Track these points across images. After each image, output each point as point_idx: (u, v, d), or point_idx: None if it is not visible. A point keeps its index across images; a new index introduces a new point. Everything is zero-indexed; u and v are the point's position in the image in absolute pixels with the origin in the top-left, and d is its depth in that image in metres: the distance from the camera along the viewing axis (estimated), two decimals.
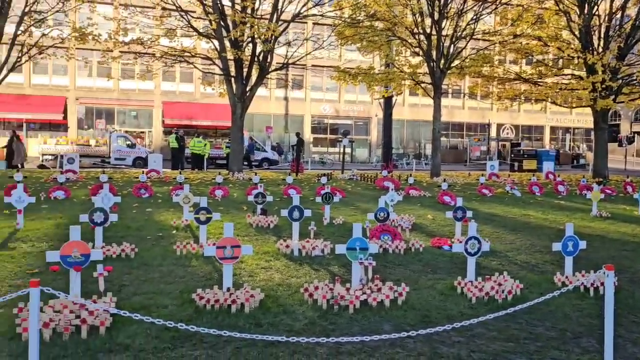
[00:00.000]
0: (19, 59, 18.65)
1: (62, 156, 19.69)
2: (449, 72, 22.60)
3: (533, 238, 9.54)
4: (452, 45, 21.88)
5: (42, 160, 32.08)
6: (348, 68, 24.10)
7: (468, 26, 21.81)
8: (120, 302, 5.17)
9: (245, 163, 29.01)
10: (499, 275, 6.21)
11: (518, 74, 26.18)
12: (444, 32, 21.61)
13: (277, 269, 6.72)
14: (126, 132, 37.72)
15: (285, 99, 45.59)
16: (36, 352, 3.42)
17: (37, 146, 35.55)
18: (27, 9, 18.40)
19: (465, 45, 22.78)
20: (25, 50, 18.67)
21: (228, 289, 5.31)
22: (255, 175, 15.13)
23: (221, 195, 13.77)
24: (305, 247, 7.58)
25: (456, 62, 22.89)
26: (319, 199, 10.53)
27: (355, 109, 47.96)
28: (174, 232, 9.04)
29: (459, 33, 21.76)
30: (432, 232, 9.97)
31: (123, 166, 28.70)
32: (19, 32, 18.45)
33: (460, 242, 7.17)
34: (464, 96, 47.11)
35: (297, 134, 25.87)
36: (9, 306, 4.73)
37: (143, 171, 15.65)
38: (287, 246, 7.60)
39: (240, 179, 19.18)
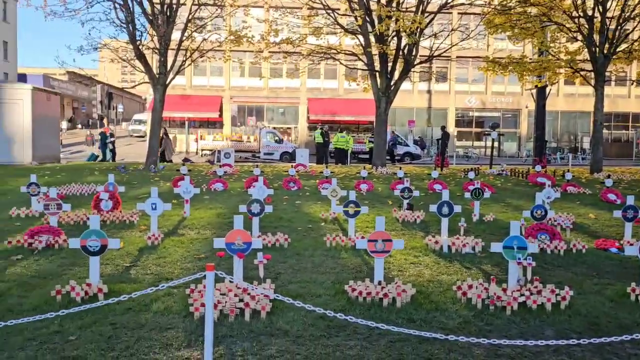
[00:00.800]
0: (183, 63, 20.43)
1: (219, 151, 21.23)
2: (613, 57, 20.52)
3: None
4: (619, 28, 19.81)
5: (201, 155, 34.99)
6: (498, 58, 22.94)
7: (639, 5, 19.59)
8: (277, 288, 5.43)
9: (388, 157, 29.02)
10: None
11: None
12: (608, 14, 19.64)
13: (427, 265, 6.60)
14: (274, 128, 39.71)
15: (429, 92, 44.74)
16: (211, 330, 3.70)
17: (196, 142, 38.94)
18: (190, 17, 20.09)
19: (636, 27, 20.50)
20: (188, 54, 20.39)
21: (379, 282, 5.32)
22: (400, 169, 15.04)
23: (366, 189, 13.90)
24: (455, 243, 7.36)
25: (623, 46, 20.71)
26: (467, 195, 10.17)
27: (503, 100, 45.63)
28: (322, 224, 9.30)
29: (628, 13, 19.63)
30: (595, 232, 9.14)
31: (272, 160, 30.29)
32: (183, 38, 20.20)
33: (632, 244, 6.47)
34: (632, 84, 42.46)
35: (443, 127, 25.24)
36: (182, 287, 5.19)
37: (292, 165, 16.33)
38: (437, 242, 7.43)
39: (383, 174, 19.22)
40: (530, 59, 23.43)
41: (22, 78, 48.43)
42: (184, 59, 20.45)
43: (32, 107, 20.16)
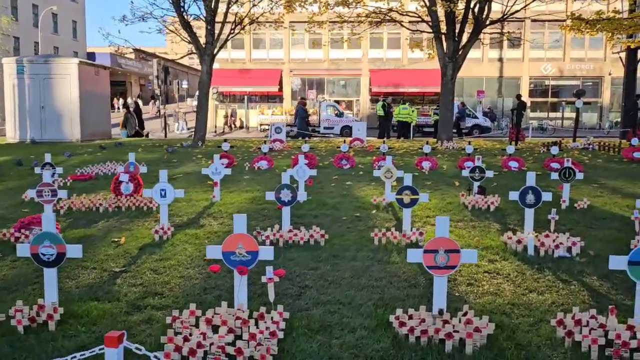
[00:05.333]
0: (232, 31, 19.09)
1: (272, 126, 19.92)
2: None
3: None
4: None
5: (260, 130, 33.98)
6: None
7: None
8: (295, 314, 3.92)
9: (455, 130, 26.76)
10: None
11: None
12: None
13: (507, 276, 4.88)
14: (335, 101, 38.04)
15: (500, 59, 41.47)
16: None
17: (255, 117, 38.01)
18: None
19: None
20: (237, 21, 19.02)
21: (440, 312, 3.70)
22: (469, 144, 13.11)
23: (429, 167, 12.10)
24: (545, 243, 5.56)
25: None
26: (553, 176, 8.23)
27: (583, 67, 41.64)
28: (374, 211, 7.70)
29: None
30: None
31: (332, 135, 28.72)
32: (230, 5, 18.83)
33: None
34: None
35: (518, 96, 22.66)
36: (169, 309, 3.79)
37: (344, 140, 14.73)
38: (519, 241, 5.67)
39: (450, 149, 17.25)
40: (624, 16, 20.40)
41: (91, 57, 49.00)
42: (232, 27, 19.07)
43: (79, 82, 19.46)
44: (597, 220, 7.24)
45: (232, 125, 37.33)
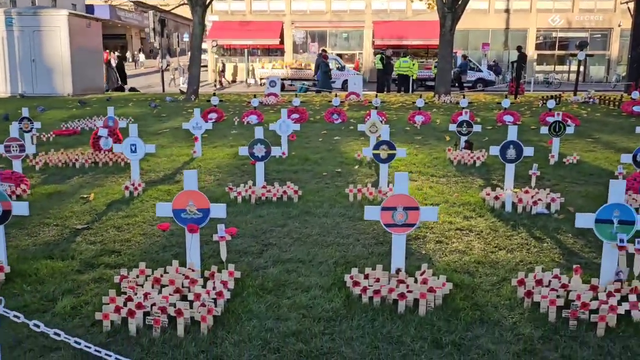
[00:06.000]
0: None
1: (267, 79, 19.52)
2: None
3: None
4: None
5: (261, 84, 33.43)
6: None
7: None
8: (251, 273, 3.81)
9: (457, 85, 26.24)
10: None
11: None
12: None
13: (479, 233, 4.73)
14: (337, 54, 37.25)
15: (507, 11, 40.24)
16: None
17: (257, 70, 37.35)
18: None
19: None
20: None
21: (397, 271, 3.57)
22: (463, 97, 12.76)
23: (421, 121, 11.84)
24: (523, 200, 5.39)
25: None
26: (544, 130, 7.99)
27: (592, 18, 40.39)
28: (356, 167, 7.52)
29: None
30: None
31: (332, 89, 28.18)
32: None
33: None
34: None
35: (519, 48, 22.00)
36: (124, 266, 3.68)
37: (336, 94, 14.40)
38: (497, 197, 5.49)
39: (447, 103, 16.89)
40: None
41: (90, 9, 47.91)
42: None
43: (69, 35, 18.98)
44: (584, 176, 7.04)
45: (223, 81, 36.57)
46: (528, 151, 5.82)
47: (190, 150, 8.53)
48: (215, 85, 34.49)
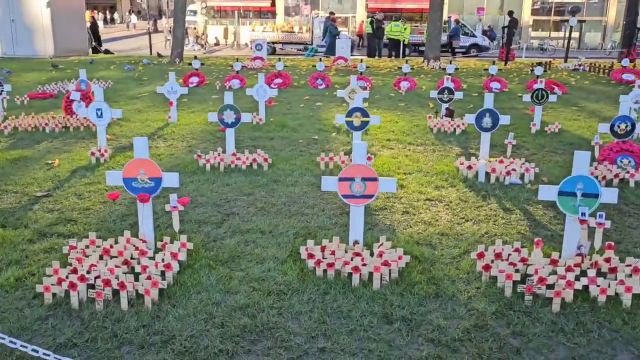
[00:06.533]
0: None
1: (252, 42, 19.10)
2: None
3: None
4: None
5: (250, 48, 32.78)
6: None
7: None
8: (210, 244, 3.71)
9: (449, 50, 25.85)
10: None
11: None
12: None
13: (448, 204, 4.64)
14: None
15: None
16: None
17: (247, 33, 36.62)
18: None
19: None
20: None
21: (355, 243, 3.47)
22: (450, 63, 12.52)
23: (407, 87, 11.64)
24: (496, 169, 5.28)
25: None
26: (526, 98, 7.84)
27: None
28: (334, 134, 7.38)
29: None
30: None
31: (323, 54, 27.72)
32: None
33: None
34: None
35: (510, 13, 21.58)
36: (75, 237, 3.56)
37: (321, 59, 14.10)
38: (470, 167, 5.38)
39: (435, 68, 16.62)
40: None
41: None
42: None
43: None
44: (564, 145, 6.94)
45: (204, 44, 35.75)
46: (504, 119, 5.68)
47: (166, 116, 8.34)
48: (201, 47, 33.87)
